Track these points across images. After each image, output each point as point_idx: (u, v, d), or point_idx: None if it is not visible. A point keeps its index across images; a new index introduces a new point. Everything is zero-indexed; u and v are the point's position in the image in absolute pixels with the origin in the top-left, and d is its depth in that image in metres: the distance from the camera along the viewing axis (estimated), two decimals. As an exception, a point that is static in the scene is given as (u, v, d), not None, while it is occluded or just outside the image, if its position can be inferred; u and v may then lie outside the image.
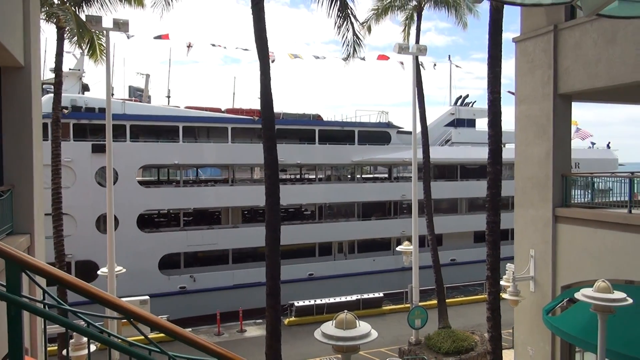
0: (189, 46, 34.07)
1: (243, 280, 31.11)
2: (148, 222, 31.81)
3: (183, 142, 31.24)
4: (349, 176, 38.42)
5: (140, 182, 31.34)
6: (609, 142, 48.01)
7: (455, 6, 25.45)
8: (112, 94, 28.72)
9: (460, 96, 43.55)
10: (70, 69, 32.22)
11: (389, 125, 37.68)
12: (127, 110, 30.10)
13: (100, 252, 27.38)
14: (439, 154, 37.46)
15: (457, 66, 46.29)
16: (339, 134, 35.91)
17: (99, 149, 27.87)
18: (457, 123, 41.09)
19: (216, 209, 33.44)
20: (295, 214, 36.36)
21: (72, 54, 32.10)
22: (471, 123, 41.33)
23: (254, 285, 29.88)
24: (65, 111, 28.56)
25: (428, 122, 40.55)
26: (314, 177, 37.34)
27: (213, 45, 35.17)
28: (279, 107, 26.85)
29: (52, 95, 30.21)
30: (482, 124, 40.41)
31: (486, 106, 15.52)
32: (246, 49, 34.89)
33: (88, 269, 27.49)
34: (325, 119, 38.08)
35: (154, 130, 31.58)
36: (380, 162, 38.40)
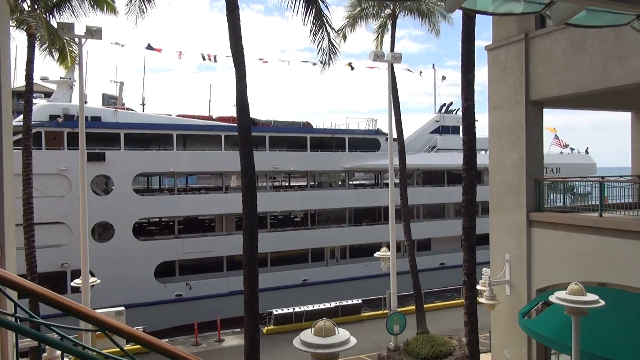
0: (180, 55, 34.24)
1: (238, 287, 30.95)
2: (144, 230, 31.63)
3: (177, 150, 31.21)
4: (340, 182, 38.88)
5: (136, 190, 31.15)
6: (587, 148, 49.40)
7: (428, 15, 25.83)
8: (86, 102, 28.41)
9: (445, 104, 44.29)
10: (61, 77, 32.02)
11: (378, 132, 38.36)
12: (119, 119, 30.00)
13: (97, 261, 27.27)
14: (425, 160, 38.34)
15: (443, 77, 46.93)
16: (330, 141, 36.40)
17: (94, 157, 27.78)
18: (442, 130, 41.81)
19: (210, 216, 33.43)
20: (286, 220, 36.64)
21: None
22: (456, 130, 42.07)
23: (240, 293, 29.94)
24: (59, 120, 28.39)
25: (413, 130, 41.66)
26: (303, 184, 37.71)
27: (204, 58, 35.01)
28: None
29: (48, 103, 30.12)
30: None
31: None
32: (228, 56, 34.80)
33: None
34: (314, 126, 38.55)
35: (147, 139, 31.52)
36: (370, 169, 38.90)
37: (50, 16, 19.82)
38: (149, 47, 32.81)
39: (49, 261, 25.75)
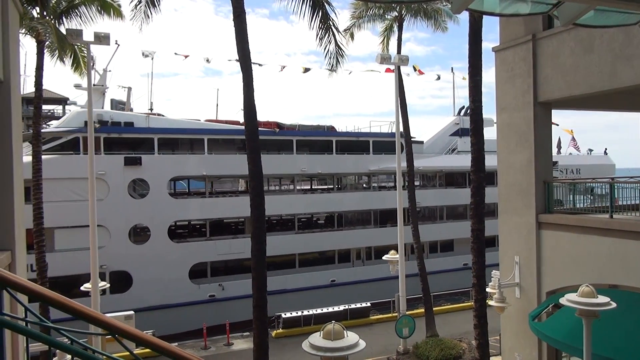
0: (208, 61, 35.14)
1: (269, 287, 31.51)
2: (177, 232, 32.29)
3: (208, 154, 31.79)
4: (364, 185, 39.31)
5: (170, 194, 31.83)
6: (606, 148, 49.41)
7: (434, 16, 25.78)
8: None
9: (464, 106, 44.42)
10: (94, 85, 32.79)
11: (401, 135, 38.63)
12: (151, 124, 30.81)
13: (133, 263, 28.58)
14: (446, 162, 38.79)
15: (463, 78, 47.09)
16: (354, 144, 36.85)
17: (131, 162, 28.93)
18: (462, 132, 41.95)
19: (239, 219, 34.14)
20: (313, 222, 37.29)
21: (94, 71, 33.00)
22: None
23: (277, 293, 30.68)
24: (97, 125, 28.82)
25: (433, 133, 41.87)
26: (324, 187, 38.90)
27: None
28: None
29: (83, 109, 30.68)
30: (487, 133, 41.78)
31: (489, 116, 15.74)
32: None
33: (122, 280, 28.26)
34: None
35: (178, 143, 32.10)
36: (391, 171, 39.09)
37: (59, 23, 20.00)
38: (176, 54, 33.87)
39: (88, 263, 26.26)
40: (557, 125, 44.21)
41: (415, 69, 41.02)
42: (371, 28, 26.19)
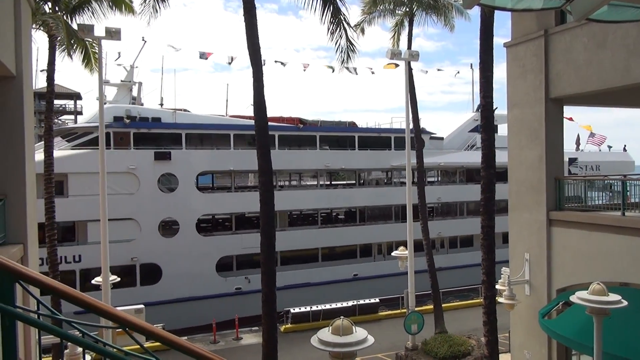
0: (231, 60, 35.57)
1: (293, 281, 32.38)
2: (203, 226, 32.93)
3: (234, 149, 32.32)
4: (385, 181, 39.68)
5: (198, 188, 32.38)
6: (625, 145, 48.93)
7: (444, 11, 25.57)
8: (105, 102, 29.05)
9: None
10: (121, 81, 33.83)
11: (423, 131, 39.69)
12: (177, 120, 31.44)
13: (163, 255, 29.31)
14: (466, 158, 39.00)
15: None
16: (376, 140, 37.31)
17: (161, 157, 29.63)
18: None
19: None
20: (335, 217, 37.77)
21: (122, 67, 34.11)
22: (494, 129, 42.49)
23: (302, 286, 31.88)
24: (127, 121, 29.82)
25: (452, 129, 41.92)
26: (342, 182, 39.63)
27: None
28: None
29: (112, 105, 31.29)
30: (504, 129, 41.88)
31: (503, 112, 15.66)
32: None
33: (152, 272, 29.07)
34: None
35: (205, 138, 32.58)
36: (413, 167, 39.78)
37: (71, 18, 20.09)
38: (202, 55, 34.19)
39: (120, 255, 27.63)
40: (572, 120, 44.01)
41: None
42: (381, 23, 26.10)
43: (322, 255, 34.28)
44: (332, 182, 40.39)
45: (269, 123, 36.81)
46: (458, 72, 49.64)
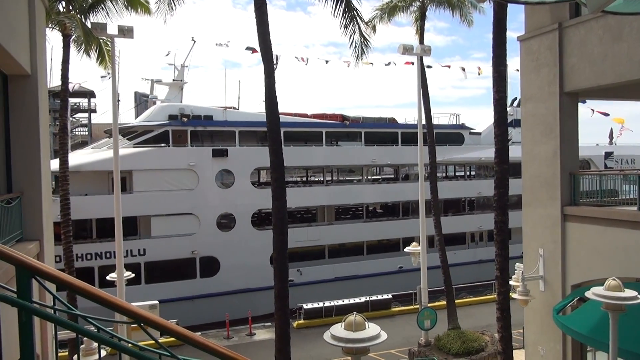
0: (277, 59, 35.88)
1: (343, 273, 33.48)
2: (259, 220, 33.74)
3: (285, 146, 32.64)
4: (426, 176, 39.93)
5: (253, 183, 33.24)
6: None
7: (459, 6, 25.29)
8: (118, 100, 29.33)
9: (516, 97, 44.06)
10: (173, 80, 34.63)
11: (462, 127, 40.34)
12: (227, 117, 32.40)
13: (221, 249, 30.33)
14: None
15: (516, 70, 46.45)
16: (416, 136, 37.47)
17: (218, 154, 30.66)
18: (515, 123, 41.89)
19: (314, 207, 35.65)
20: (374, 211, 38.30)
21: (172, 66, 34.85)
22: None
23: (352, 278, 32.97)
24: (184, 119, 30.81)
25: (487, 124, 41.73)
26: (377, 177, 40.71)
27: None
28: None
29: (166, 104, 32.03)
30: None
31: None
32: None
33: (211, 264, 30.12)
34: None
35: (256, 135, 33.23)
36: (456, 162, 40.69)
37: (85, 17, 20.25)
38: (248, 48, 34.52)
39: (181, 249, 29.16)
40: (608, 115, 43.76)
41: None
42: (392, 19, 25.78)
43: (367, 248, 34.98)
44: (371, 178, 40.83)
45: (315, 120, 37.65)
46: (480, 69, 48.57)
